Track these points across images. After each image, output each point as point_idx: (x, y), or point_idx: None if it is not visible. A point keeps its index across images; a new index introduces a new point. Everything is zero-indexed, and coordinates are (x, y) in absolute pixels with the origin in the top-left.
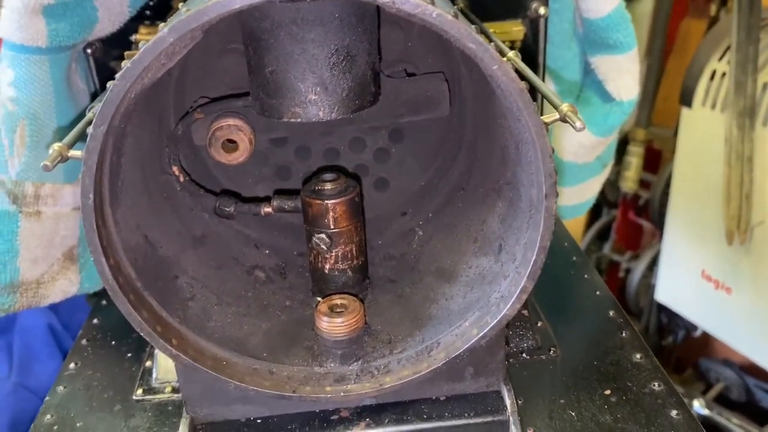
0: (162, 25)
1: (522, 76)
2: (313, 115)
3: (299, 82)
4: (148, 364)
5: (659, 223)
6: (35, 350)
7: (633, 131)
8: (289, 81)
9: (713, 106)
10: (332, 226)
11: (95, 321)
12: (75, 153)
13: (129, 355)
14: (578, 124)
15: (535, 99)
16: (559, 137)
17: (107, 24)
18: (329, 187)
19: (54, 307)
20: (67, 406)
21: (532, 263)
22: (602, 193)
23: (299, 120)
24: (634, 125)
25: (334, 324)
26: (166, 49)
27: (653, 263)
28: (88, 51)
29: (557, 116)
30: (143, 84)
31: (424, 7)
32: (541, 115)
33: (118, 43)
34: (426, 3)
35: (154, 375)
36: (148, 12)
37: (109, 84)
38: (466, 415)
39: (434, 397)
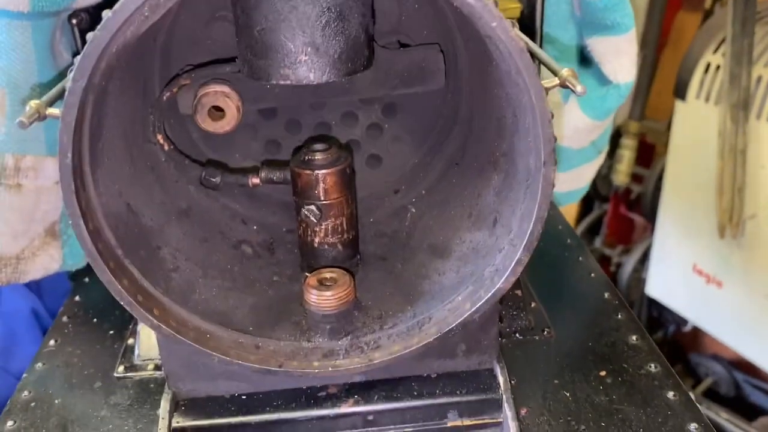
0: None
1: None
2: (303, 76)
3: (289, 41)
4: (130, 341)
5: (651, 217)
6: (18, 334)
7: (626, 124)
8: (278, 41)
9: (707, 99)
10: (322, 198)
11: (77, 298)
12: (53, 111)
13: (111, 332)
14: (579, 88)
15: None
16: (555, 121)
17: None
18: (319, 158)
19: (38, 291)
20: (45, 383)
21: (528, 234)
22: (594, 187)
23: (289, 82)
24: (628, 118)
25: (323, 297)
26: None
27: (644, 257)
28: (74, 21)
29: (557, 81)
30: (125, 38)
31: None
32: None
33: None
34: None
35: (136, 352)
36: None
37: (89, 35)
38: (457, 392)
39: (425, 375)
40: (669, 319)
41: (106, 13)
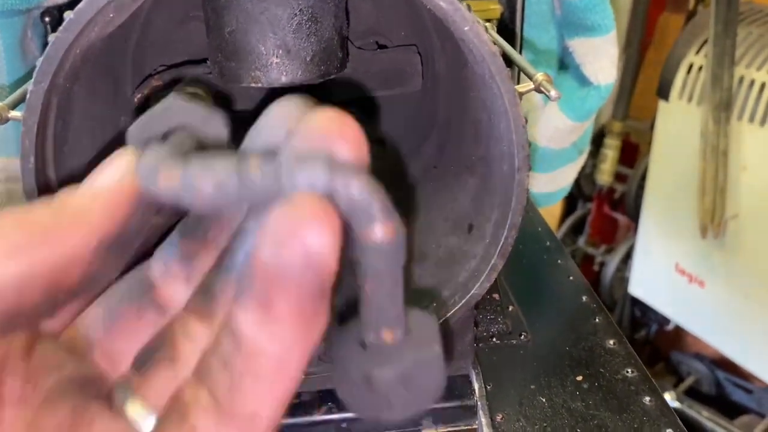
0: None
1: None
2: (274, 79)
3: (260, 43)
4: None
5: (634, 217)
6: None
7: (610, 124)
8: (249, 42)
9: (690, 100)
10: None
11: None
12: (15, 114)
13: None
14: (553, 93)
15: (511, 70)
16: (535, 122)
17: None
18: None
19: None
20: None
21: (502, 241)
22: (578, 186)
23: (260, 84)
24: (611, 118)
25: None
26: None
27: (628, 257)
28: (46, 19)
29: (532, 86)
30: (90, 40)
31: None
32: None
33: None
34: None
35: None
36: None
37: (51, 37)
38: None
39: None
40: (652, 318)
41: (68, 14)
